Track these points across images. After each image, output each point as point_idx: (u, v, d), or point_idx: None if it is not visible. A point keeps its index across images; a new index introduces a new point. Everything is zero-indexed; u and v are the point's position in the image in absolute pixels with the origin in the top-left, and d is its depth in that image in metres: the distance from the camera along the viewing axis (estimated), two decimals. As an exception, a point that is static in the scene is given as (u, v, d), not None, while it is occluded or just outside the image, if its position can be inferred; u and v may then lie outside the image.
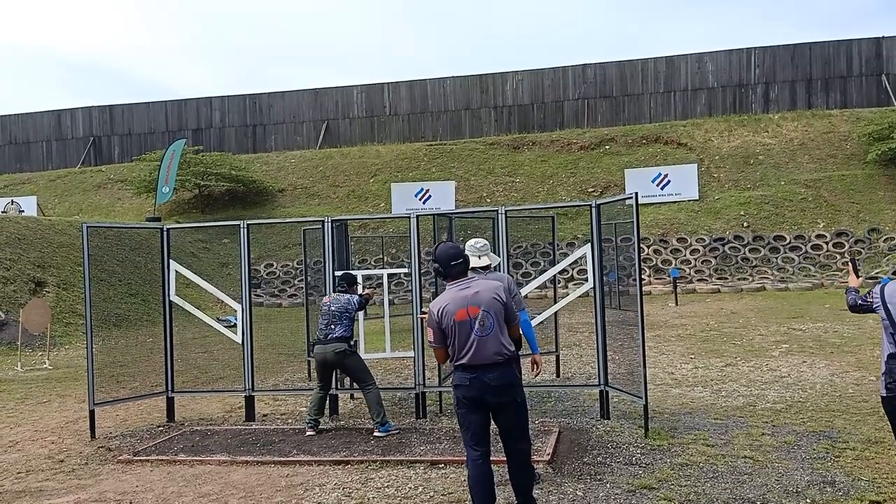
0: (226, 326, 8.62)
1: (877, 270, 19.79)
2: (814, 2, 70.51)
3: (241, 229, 8.02)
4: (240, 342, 7.99)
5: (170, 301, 8.09)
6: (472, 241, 5.59)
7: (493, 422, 4.55)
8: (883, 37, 29.27)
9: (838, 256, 21.22)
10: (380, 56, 77.44)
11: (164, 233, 8.18)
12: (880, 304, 4.11)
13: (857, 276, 4.58)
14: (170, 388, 8.09)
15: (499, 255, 7.58)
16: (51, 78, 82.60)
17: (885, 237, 21.20)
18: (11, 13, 77.12)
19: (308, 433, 7.02)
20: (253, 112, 34.50)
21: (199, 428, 7.62)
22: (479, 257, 5.52)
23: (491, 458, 4.54)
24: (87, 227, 7.78)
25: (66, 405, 9.32)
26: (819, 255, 21.52)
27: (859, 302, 4.35)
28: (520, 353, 5.49)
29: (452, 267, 4.53)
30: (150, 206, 27.08)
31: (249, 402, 7.93)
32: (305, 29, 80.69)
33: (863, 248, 21.22)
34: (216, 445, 6.82)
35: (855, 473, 5.33)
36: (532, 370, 5.62)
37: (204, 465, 6.26)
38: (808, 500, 4.86)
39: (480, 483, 4.42)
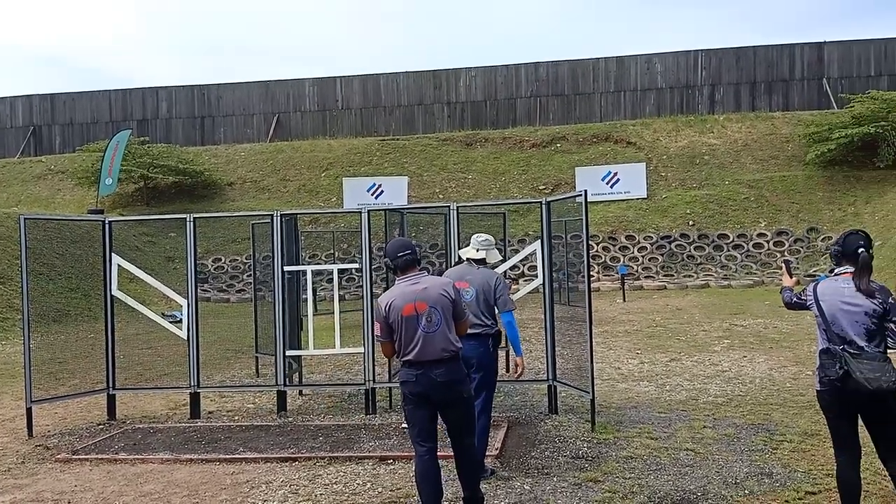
0: (172, 322, 8.44)
1: (815, 269, 20.47)
2: (761, 7, 72.29)
3: (188, 223, 7.86)
4: (185, 338, 7.83)
5: (111, 296, 7.88)
6: (475, 235, 5.76)
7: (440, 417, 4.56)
8: (825, 42, 30.26)
9: (778, 255, 21.87)
10: (355, 54, 76.19)
11: (106, 225, 7.96)
12: (813, 301, 4.24)
13: (791, 277, 4.72)
14: (111, 385, 7.88)
15: (450, 251, 7.61)
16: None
17: (822, 236, 21.92)
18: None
19: None
20: (201, 103, 33.82)
21: (141, 426, 7.45)
22: (477, 250, 5.65)
23: (438, 454, 4.55)
24: (25, 218, 7.52)
25: (2, 402, 9.00)
26: (760, 254, 22.14)
27: (794, 300, 4.50)
28: (500, 347, 5.66)
29: (400, 258, 4.51)
30: (92, 198, 26.32)
31: (194, 398, 7.79)
32: (275, 26, 79.26)
33: (801, 247, 21.92)
34: (159, 443, 6.68)
35: (792, 465, 5.51)
36: (514, 372, 5.68)
37: (146, 463, 6.13)
38: (746, 492, 5.00)
39: (427, 479, 4.43)
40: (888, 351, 4.09)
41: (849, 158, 24.31)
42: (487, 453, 5.72)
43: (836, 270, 4.27)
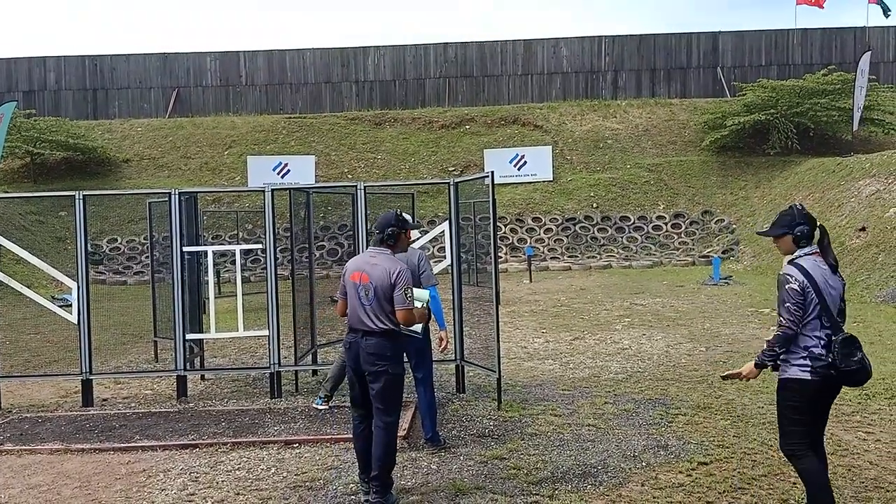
0: (63, 306, 7.98)
1: (709, 250, 21.50)
2: (659, -4, 74.64)
3: (77, 201, 7.43)
4: (75, 322, 7.43)
5: (-7, 278, 7.38)
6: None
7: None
8: (720, 31, 31.60)
9: (675, 236, 22.84)
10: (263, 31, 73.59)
11: (-14, 203, 7.42)
12: (810, 287, 3.80)
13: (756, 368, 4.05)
14: (-6, 374, 7.40)
15: (359, 232, 7.51)
16: None
17: (716, 219, 23.03)
18: None
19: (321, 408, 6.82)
20: (94, 75, 31.96)
21: (28, 415, 7.04)
22: None
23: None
24: None
25: None
26: (659, 235, 23.04)
27: (790, 313, 3.83)
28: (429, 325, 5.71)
29: (375, 232, 4.81)
30: (-27, 174, 24.52)
31: (86, 385, 7.41)
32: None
33: (697, 230, 22.95)
34: (48, 433, 6.32)
35: (686, 437, 5.77)
36: (439, 346, 5.90)
37: (34, 454, 5.80)
38: (643, 464, 5.20)
39: (359, 438, 4.74)
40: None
41: (740, 145, 25.57)
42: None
43: (805, 250, 3.94)
